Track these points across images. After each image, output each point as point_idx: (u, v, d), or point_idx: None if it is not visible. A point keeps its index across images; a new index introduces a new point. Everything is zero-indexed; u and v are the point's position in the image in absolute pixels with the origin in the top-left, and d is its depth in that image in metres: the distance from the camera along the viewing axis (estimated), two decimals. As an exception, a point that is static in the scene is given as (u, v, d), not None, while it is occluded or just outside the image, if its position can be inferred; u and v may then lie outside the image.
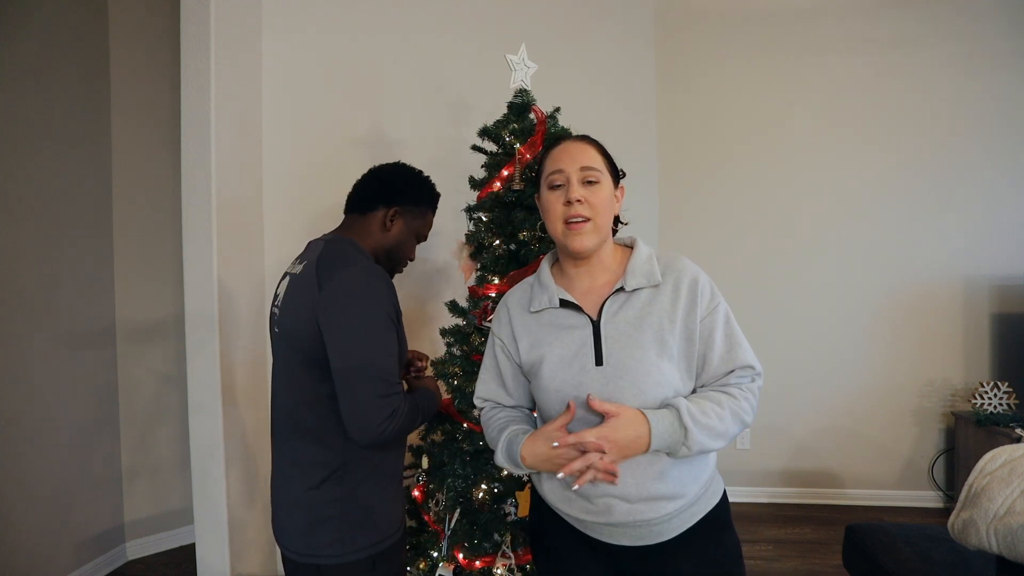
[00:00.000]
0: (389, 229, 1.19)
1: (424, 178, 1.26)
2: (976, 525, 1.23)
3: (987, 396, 2.61)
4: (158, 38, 2.49)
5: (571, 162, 0.96)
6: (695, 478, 0.93)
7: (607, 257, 1.00)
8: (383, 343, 1.00)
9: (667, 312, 0.92)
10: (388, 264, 1.22)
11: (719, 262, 3.04)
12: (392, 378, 1.00)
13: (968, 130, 2.84)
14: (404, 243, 1.23)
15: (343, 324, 0.98)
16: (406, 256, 1.26)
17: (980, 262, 2.84)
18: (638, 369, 0.89)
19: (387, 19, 2.20)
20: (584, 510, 0.93)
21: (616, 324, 0.93)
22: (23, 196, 2.02)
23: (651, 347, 0.90)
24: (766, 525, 2.72)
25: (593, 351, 0.92)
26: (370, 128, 2.16)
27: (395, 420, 0.99)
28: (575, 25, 2.74)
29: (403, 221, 1.21)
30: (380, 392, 0.98)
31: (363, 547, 1.04)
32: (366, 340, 0.98)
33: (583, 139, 1.01)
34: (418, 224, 1.25)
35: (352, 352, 0.98)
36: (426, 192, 1.25)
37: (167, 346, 2.55)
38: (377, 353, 0.99)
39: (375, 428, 0.97)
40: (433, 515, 1.62)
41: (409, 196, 1.21)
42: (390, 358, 1.00)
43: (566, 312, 0.98)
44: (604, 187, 0.96)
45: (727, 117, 3.04)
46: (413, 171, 1.26)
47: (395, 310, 1.05)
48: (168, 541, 2.54)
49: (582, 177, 0.95)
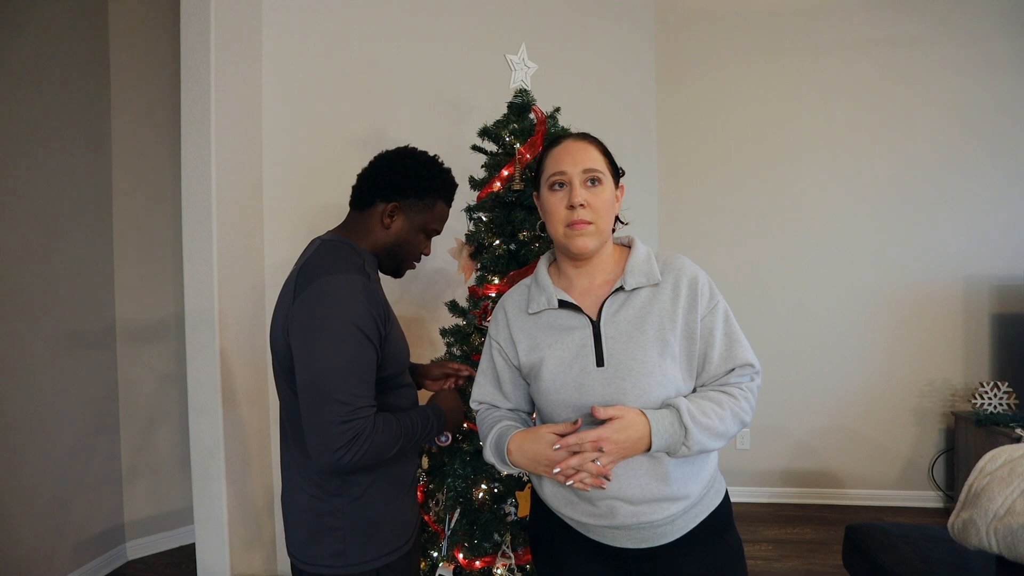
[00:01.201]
0: (388, 226, 1.08)
1: (431, 165, 1.12)
2: (976, 525, 1.23)
3: (987, 396, 2.61)
4: (158, 38, 2.49)
5: (573, 163, 0.94)
6: (697, 479, 0.93)
7: (606, 257, 0.99)
8: (348, 362, 0.91)
9: (668, 311, 0.92)
10: (392, 264, 1.12)
11: (719, 262, 3.04)
12: (356, 401, 0.90)
13: (968, 130, 2.84)
14: (407, 240, 1.10)
15: (307, 339, 0.91)
16: (412, 254, 1.13)
17: (980, 262, 2.84)
18: (640, 369, 0.88)
19: (387, 19, 2.20)
20: (587, 513, 0.93)
21: (616, 324, 0.92)
22: (23, 196, 2.02)
23: (652, 346, 0.89)
24: (766, 525, 2.72)
25: (594, 352, 0.92)
26: (370, 128, 2.15)
27: (357, 448, 0.89)
28: (575, 25, 2.74)
29: (404, 216, 1.09)
30: (338, 416, 0.88)
31: (366, 560, 0.99)
32: (328, 359, 0.90)
33: (585, 138, 0.99)
34: (424, 218, 1.11)
35: (313, 370, 0.90)
36: (433, 181, 1.11)
37: (167, 346, 2.55)
38: (338, 373, 0.90)
39: (331, 455, 0.88)
40: (433, 515, 1.62)
41: (410, 188, 1.08)
42: (356, 379, 0.91)
43: (565, 313, 0.97)
44: (606, 188, 0.95)
45: (727, 117, 3.05)
46: (418, 159, 1.11)
47: (374, 324, 0.94)
48: (168, 541, 2.54)
49: (585, 178, 0.93)
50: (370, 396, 0.93)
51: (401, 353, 1.05)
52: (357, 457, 0.90)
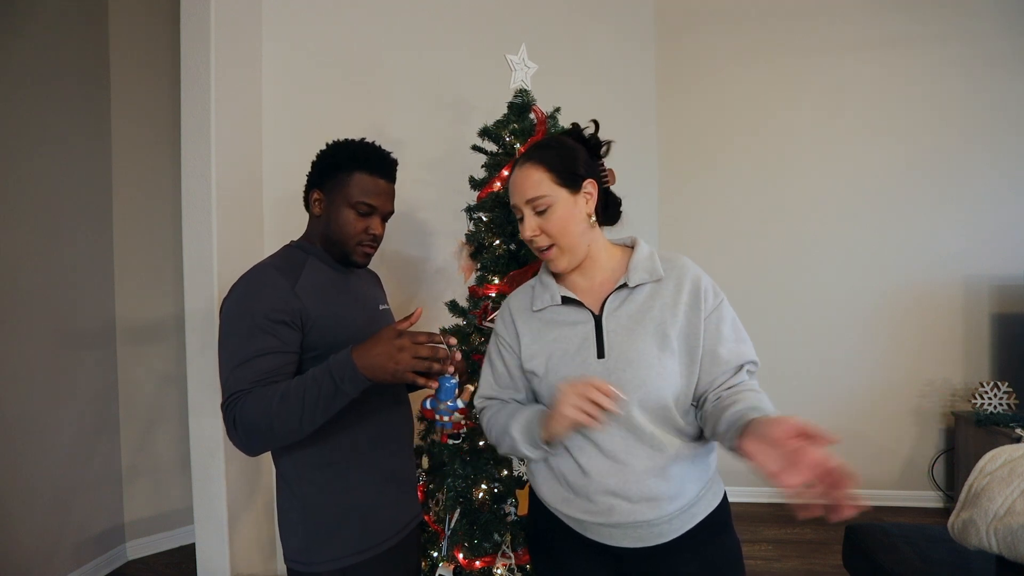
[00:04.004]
0: (319, 214, 1.10)
1: (343, 143, 1.11)
2: (976, 525, 1.23)
3: (987, 396, 2.61)
4: (158, 38, 2.49)
5: (518, 196, 0.96)
6: (696, 478, 0.93)
7: (601, 258, 1.00)
8: (235, 349, 0.94)
9: (669, 307, 0.92)
10: (337, 250, 1.09)
11: (719, 261, 3.04)
12: (231, 386, 0.92)
13: (968, 130, 2.84)
14: (335, 219, 1.07)
15: (218, 328, 0.99)
16: (346, 232, 1.07)
17: (980, 262, 2.84)
18: (640, 361, 0.89)
19: (387, 19, 2.20)
20: (584, 510, 0.93)
21: (618, 318, 0.94)
22: (23, 196, 2.02)
23: (652, 340, 0.90)
24: (766, 525, 2.72)
25: (595, 345, 0.93)
26: (370, 128, 2.15)
27: (240, 432, 0.90)
28: (575, 25, 2.74)
29: (327, 199, 1.09)
30: (223, 399, 0.93)
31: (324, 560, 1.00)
32: (222, 346, 0.96)
33: (528, 160, 0.96)
34: (343, 193, 1.06)
35: (218, 357, 0.97)
36: (344, 155, 1.08)
37: (167, 346, 2.55)
38: (226, 360, 0.94)
39: (230, 436, 0.93)
40: (433, 515, 1.62)
41: (326, 170, 1.08)
42: (237, 364, 0.92)
43: (568, 308, 0.98)
44: (557, 208, 0.94)
45: (727, 117, 3.05)
46: (333, 143, 1.12)
47: (271, 311, 0.94)
48: (168, 541, 2.54)
49: (532, 208, 0.95)
50: (248, 377, 0.92)
51: (338, 337, 1.02)
52: (244, 439, 0.91)
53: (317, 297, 1.02)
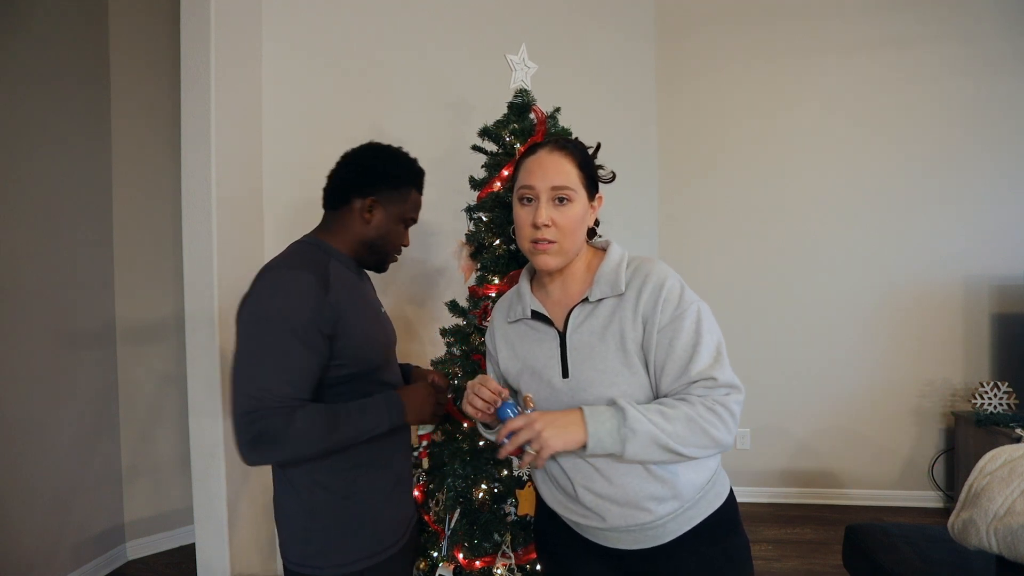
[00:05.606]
0: (369, 221, 1.08)
1: (399, 155, 1.13)
2: (976, 525, 1.23)
3: (987, 396, 2.61)
4: (158, 38, 2.49)
5: (543, 178, 0.91)
6: (690, 480, 0.90)
7: (579, 268, 0.98)
8: (266, 357, 0.90)
9: (629, 321, 0.89)
10: (375, 257, 1.12)
11: (719, 261, 3.04)
12: (266, 397, 0.88)
13: (968, 130, 2.84)
14: (389, 232, 1.11)
15: (239, 330, 0.93)
16: (394, 245, 1.14)
17: (980, 262, 2.84)
18: (601, 380, 0.88)
19: (387, 19, 2.20)
20: (579, 514, 0.93)
21: (580, 335, 0.92)
22: (23, 196, 2.02)
23: (614, 358, 0.89)
24: (766, 525, 2.73)
25: (560, 363, 0.93)
26: (370, 128, 2.15)
27: (263, 446, 0.88)
28: (575, 25, 2.74)
29: (383, 209, 1.09)
30: (246, 409, 0.88)
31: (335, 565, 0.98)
32: (249, 352, 0.91)
33: (562, 148, 0.93)
34: (401, 208, 1.11)
35: (236, 362, 0.91)
36: (404, 171, 1.12)
37: (167, 346, 2.55)
38: (256, 368, 0.89)
39: (240, 448, 0.89)
40: (433, 515, 1.62)
41: (385, 180, 1.09)
42: (272, 374, 0.89)
43: (537, 323, 0.99)
44: (576, 205, 0.92)
45: (727, 117, 3.05)
46: (386, 151, 1.12)
47: (311, 322, 0.91)
48: (168, 541, 2.54)
49: (552, 196, 0.90)
50: (288, 393, 0.90)
51: (365, 352, 1.02)
52: (266, 454, 0.90)
53: (347, 307, 1.00)
